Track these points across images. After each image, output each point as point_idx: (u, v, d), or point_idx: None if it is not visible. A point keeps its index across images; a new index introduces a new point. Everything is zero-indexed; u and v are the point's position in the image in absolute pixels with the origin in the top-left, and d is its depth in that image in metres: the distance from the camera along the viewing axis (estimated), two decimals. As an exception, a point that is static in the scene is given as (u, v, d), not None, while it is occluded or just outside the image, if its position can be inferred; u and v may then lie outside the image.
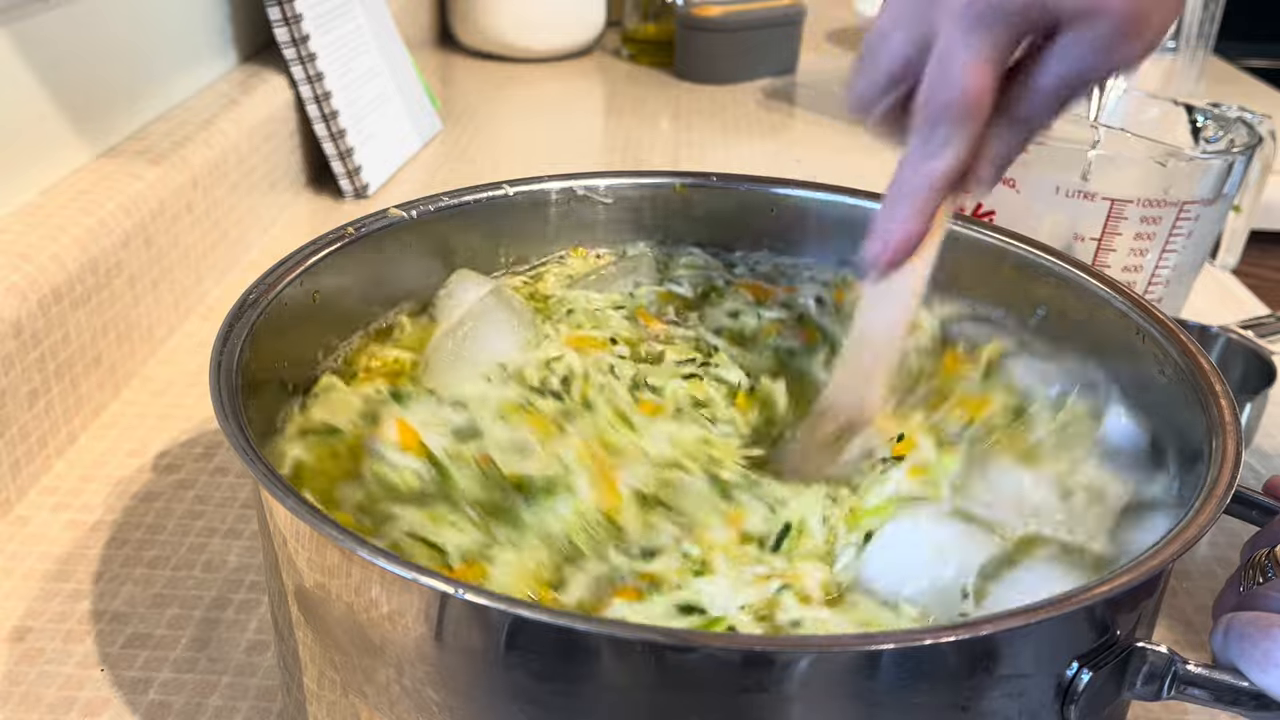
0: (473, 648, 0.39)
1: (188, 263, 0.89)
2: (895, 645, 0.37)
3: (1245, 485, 0.48)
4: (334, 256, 0.56)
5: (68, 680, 0.56)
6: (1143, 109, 0.82)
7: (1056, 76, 0.45)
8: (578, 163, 1.27)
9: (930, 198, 0.47)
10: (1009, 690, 0.39)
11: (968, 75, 0.44)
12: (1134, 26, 0.43)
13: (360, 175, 1.13)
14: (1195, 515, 0.41)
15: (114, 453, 0.73)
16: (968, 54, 0.44)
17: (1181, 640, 0.62)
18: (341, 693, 0.43)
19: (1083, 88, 0.46)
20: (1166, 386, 0.52)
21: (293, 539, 0.42)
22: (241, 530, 0.67)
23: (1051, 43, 0.44)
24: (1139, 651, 0.40)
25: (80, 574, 0.63)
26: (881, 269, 0.49)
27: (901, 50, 0.46)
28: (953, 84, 0.44)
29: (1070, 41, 0.44)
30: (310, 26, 1.08)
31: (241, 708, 0.55)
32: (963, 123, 0.45)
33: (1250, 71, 1.76)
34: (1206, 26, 1.58)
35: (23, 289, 0.67)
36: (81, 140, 0.83)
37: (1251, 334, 0.77)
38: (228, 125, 0.97)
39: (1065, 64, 0.44)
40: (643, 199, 0.67)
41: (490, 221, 0.64)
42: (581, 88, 1.60)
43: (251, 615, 0.61)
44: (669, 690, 0.37)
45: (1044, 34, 0.44)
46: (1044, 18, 0.43)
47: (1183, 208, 0.71)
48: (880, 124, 0.49)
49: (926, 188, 0.47)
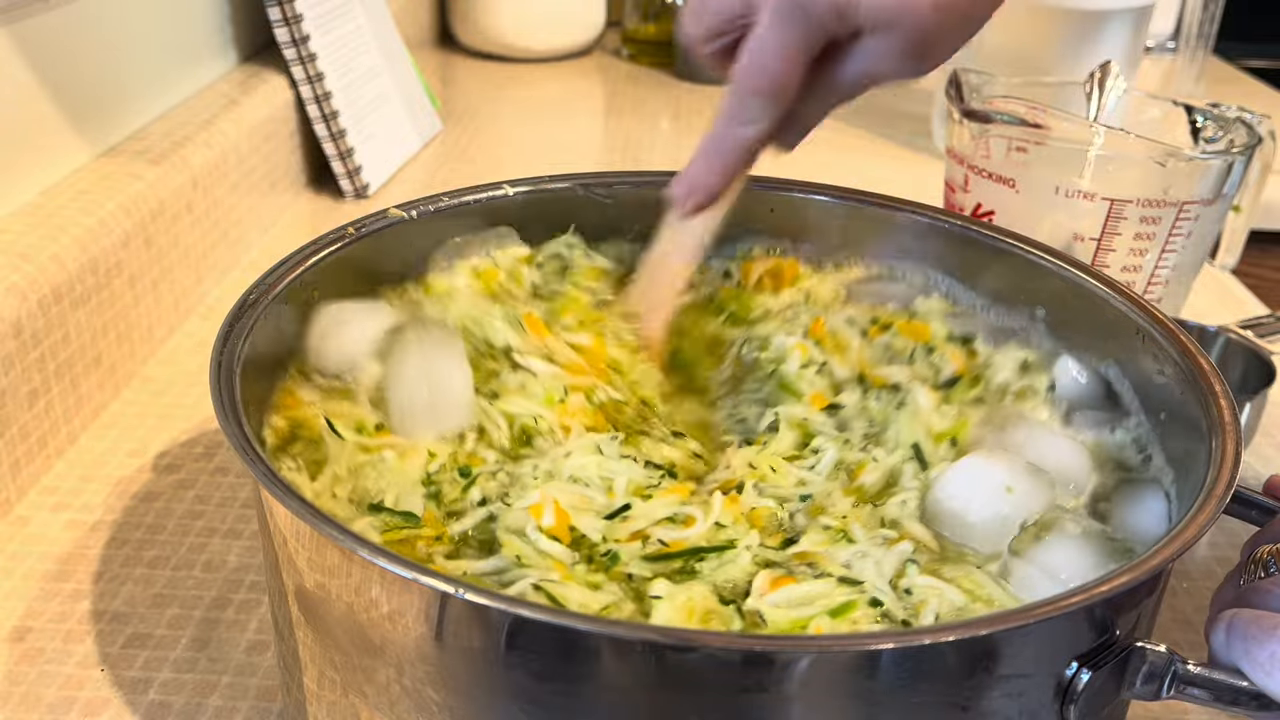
0: (473, 648, 0.39)
1: (188, 263, 0.89)
2: (895, 645, 0.37)
3: (1245, 485, 0.48)
4: (334, 256, 0.56)
5: (68, 680, 0.56)
6: (1143, 109, 0.82)
7: (852, 73, 0.52)
8: (578, 163, 1.27)
9: (737, 159, 0.55)
10: (1009, 690, 0.39)
11: (779, 63, 0.51)
12: (922, 47, 0.50)
13: (360, 175, 1.13)
14: (1195, 515, 0.41)
15: (114, 453, 0.73)
16: (780, 45, 0.50)
17: (1181, 640, 0.62)
18: (341, 693, 0.43)
19: (875, 84, 0.53)
20: (1166, 386, 0.52)
21: (293, 539, 0.42)
22: (241, 530, 0.67)
23: (853, 43, 0.51)
24: (1139, 651, 0.40)
25: (80, 574, 0.63)
26: (686, 211, 0.58)
27: (725, 9, 0.53)
28: (765, 69, 0.51)
29: (867, 47, 0.50)
30: (310, 26, 1.08)
31: (241, 708, 0.55)
32: (771, 103, 0.52)
33: (1250, 71, 1.76)
34: (1206, 26, 1.58)
35: (23, 289, 0.67)
36: (81, 140, 0.83)
37: (1251, 334, 0.77)
38: (228, 125, 0.97)
39: (860, 64, 0.51)
40: (642, 199, 0.67)
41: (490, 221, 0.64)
42: (581, 88, 1.60)
43: (251, 615, 0.61)
44: (669, 690, 0.37)
45: (849, 34, 0.50)
46: (847, 22, 0.50)
47: (1182, 208, 0.71)
48: (707, 62, 0.56)
49: (735, 149, 0.55)
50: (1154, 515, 0.50)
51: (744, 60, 0.52)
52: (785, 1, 0.50)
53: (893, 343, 0.61)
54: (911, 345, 0.61)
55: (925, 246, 0.64)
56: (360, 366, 0.54)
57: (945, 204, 0.79)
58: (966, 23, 0.50)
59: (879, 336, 0.62)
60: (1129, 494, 0.52)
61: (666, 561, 0.46)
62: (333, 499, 0.48)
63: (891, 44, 0.49)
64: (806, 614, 0.43)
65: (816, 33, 0.50)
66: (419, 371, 0.53)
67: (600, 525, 0.47)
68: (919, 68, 0.51)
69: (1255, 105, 0.79)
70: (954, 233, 0.63)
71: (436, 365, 0.54)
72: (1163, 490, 0.52)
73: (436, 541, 0.47)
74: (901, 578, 0.45)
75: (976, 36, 0.52)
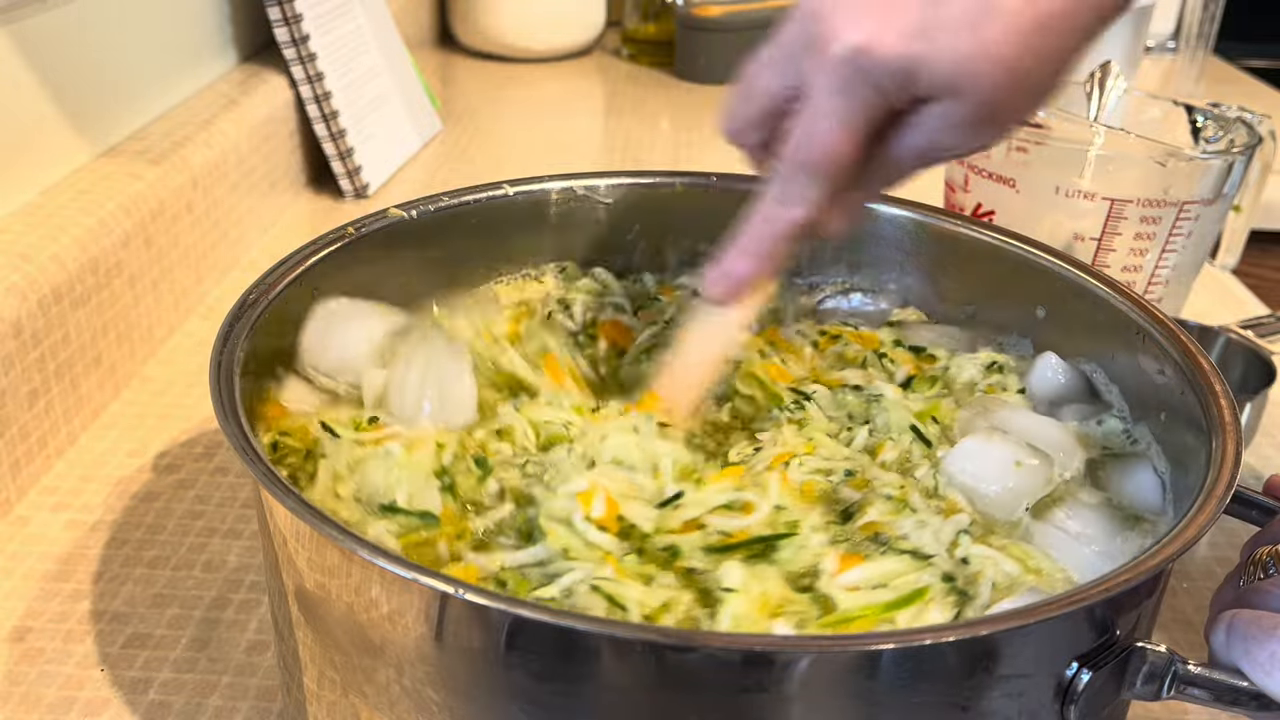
0: (473, 648, 0.39)
1: (188, 263, 0.89)
2: (895, 645, 0.37)
3: (1245, 485, 0.48)
4: (334, 256, 0.56)
5: (68, 680, 0.56)
6: (1143, 109, 0.82)
7: (913, 149, 0.47)
8: (578, 163, 1.27)
9: (778, 244, 0.50)
10: (1009, 690, 0.39)
11: (831, 138, 0.46)
12: (990, 115, 0.44)
13: (360, 175, 1.13)
14: (1195, 515, 0.41)
15: (114, 453, 0.73)
16: (834, 118, 0.45)
17: (1181, 640, 0.62)
18: (341, 693, 0.43)
19: (936, 161, 0.48)
20: (1166, 386, 0.52)
21: (293, 539, 0.42)
22: (241, 530, 0.67)
23: (914, 114, 0.46)
24: (1139, 651, 0.40)
25: (80, 574, 0.63)
26: (719, 298, 0.53)
27: (773, 90, 0.48)
28: (819, 141, 0.46)
29: (930, 116, 0.45)
30: (310, 26, 1.08)
31: (241, 708, 0.55)
32: (821, 181, 0.47)
33: (1250, 71, 1.76)
34: (1206, 26, 1.58)
35: (23, 289, 0.67)
36: (81, 140, 0.83)
37: (1251, 334, 0.77)
38: (228, 125, 0.97)
39: (922, 137, 0.46)
40: (642, 199, 0.67)
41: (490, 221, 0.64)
42: (581, 88, 1.60)
43: (251, 615, 0.61)
44: (669, 690, 0.37)
45: (909, 103, 0.45)
46: (910, 90, 0.44)
47: (1183, 208, 0.71)
48: (753, 155, 0.51)
49: (777, 233, 0.50)
50: (1147, 487, 0.51)
51: (795, 135, 0.47)
52: (842, 67, 0.44)
53: (844, 351, 0.61)
54: (863, 353, 0.61)
55: (920, 247, 0.65)
56: (360, 368, 0.54)
57: (945, 204, 0.79)
58: (1038, 88, 0.45)
59: (829, 347, 0.62)
60: (1119, 468, 0.53)
61: (729, 553, 0.44)
62: (336, 499, 0.47)
63: (958, 112, 0.44)
64: (882, 598, 0.43)
65: (876, 102, 0.45)
66: (424, 373, 0.52)
67: (652, 515, 0.46)
68: (986, 139, 0.46)
69: (1255, 105, 0.79)
70: (955, 232, 0.64)
71: (444, 367, 0.53)
72: (1151, 464, 0.52)
73: (459, 540, 0.46)
74: (956, 547, 0.46)
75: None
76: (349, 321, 0.55)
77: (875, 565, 0.44)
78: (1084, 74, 0.83)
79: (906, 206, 0.65)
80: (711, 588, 0.43)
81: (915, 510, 0.48)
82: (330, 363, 0.54)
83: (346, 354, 0.54)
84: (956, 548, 0.46)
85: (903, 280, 0.66)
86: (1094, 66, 0.82)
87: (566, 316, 0.63)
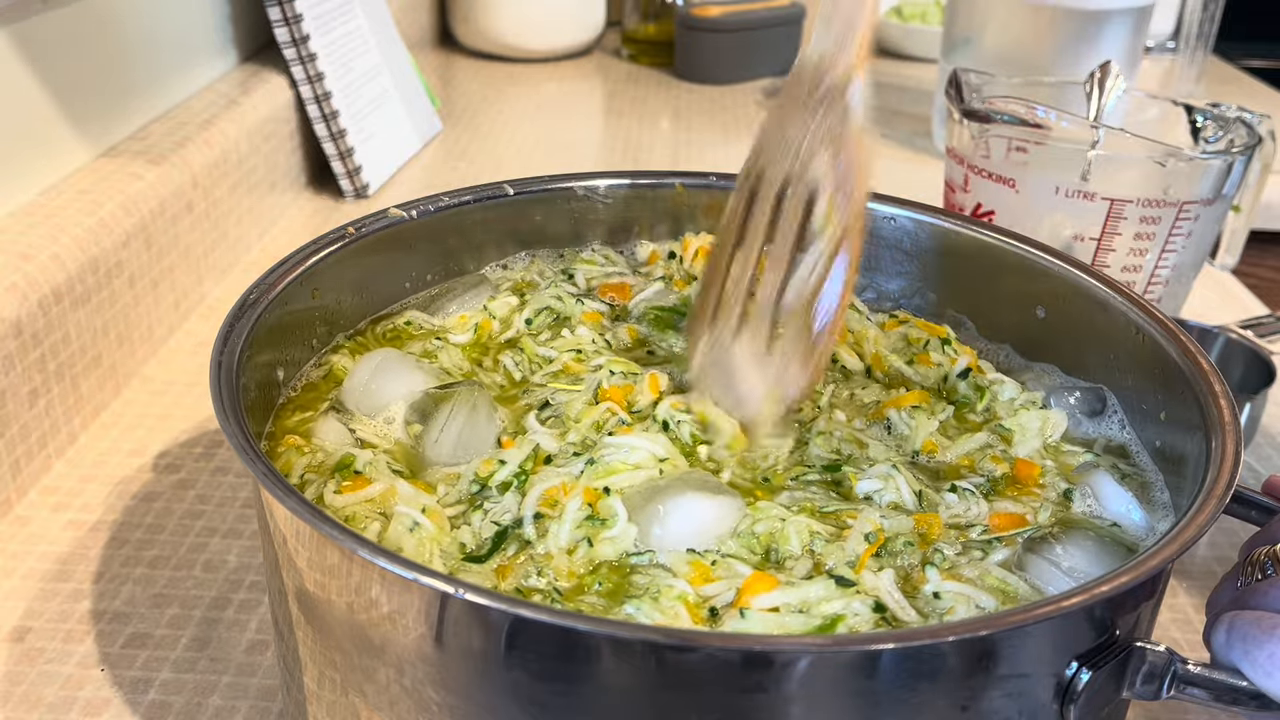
0: (473, 648, 0.39)
1: (188, 263, 0.89)
2: (895, 645, 0.37)
3: (1245, 485, 0.48)
4: (334, 256, 0.56)
5: (68, 680, 0.56)
6: (1143, 109, 0.82)
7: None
8: (578, 163, 1.27)
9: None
10: (1009, 690, 0.39)
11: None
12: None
13: (360, 175, 1.13)
14: (1195, 515, 0.41)
15: (114, 453, 0.73)
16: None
17: (1181, 640, 0.62)
18: (341, 692, 0.43)
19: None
20: (1166, 386, 0.52)
21: (293, 539, 0.42)
22: (241, 530, 0.67)
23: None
24: (1138, 651, 0.40)
25: (80, 574, 0.63)
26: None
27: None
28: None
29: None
30: (310, 26, 1.08)
31: (241, 708, 0.55)
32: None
33: (1250, 71, 1.76)
34: (1206, 26, 1.58)
35: (23, 289, 0.67)
36: (81, 140, 0.83)
37: (1251, 334, 0.77)
38: (228, 125, 0.97)
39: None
40: (642, 199, 0.67)
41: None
42: (581, 88, 1.60)
43: (251, 615, 0.61)
44: (669, 690, 0.37)
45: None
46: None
47: (1182, 208, 0.71)
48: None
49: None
50: (1110, 495, 0.51)
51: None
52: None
53: (909, 333, 0.61)
54: (926, 336, 0.61)
55: (919, 247, 0.65)
56: (397, 415, 0.54)
57: (945, 204, 0.79)
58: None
59: (895, 329, 0.62)
60: (1098, 480, 0.52)
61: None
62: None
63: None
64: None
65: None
66: (460, 436, 0.53)
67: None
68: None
69: (1255, 105, 0.79)
70: (955, 232, 0.64)
71: (478, 432, 0.53)
72: (1104, 470, 0.52)
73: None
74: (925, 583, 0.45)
75: (977, 36, 0.50)
76: (394, 373, 0.56)
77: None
78: (1084, 74, 0.83)
79: (906, 206, 0.65)
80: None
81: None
82: (370, 406, 0.55)
83: (383, 398, 0.54)
84: (925, 584, 0.45)
85: (902, 281, 0.66)
86: (1094, 66, 0.82)
87: (570, 284, 0.65)
